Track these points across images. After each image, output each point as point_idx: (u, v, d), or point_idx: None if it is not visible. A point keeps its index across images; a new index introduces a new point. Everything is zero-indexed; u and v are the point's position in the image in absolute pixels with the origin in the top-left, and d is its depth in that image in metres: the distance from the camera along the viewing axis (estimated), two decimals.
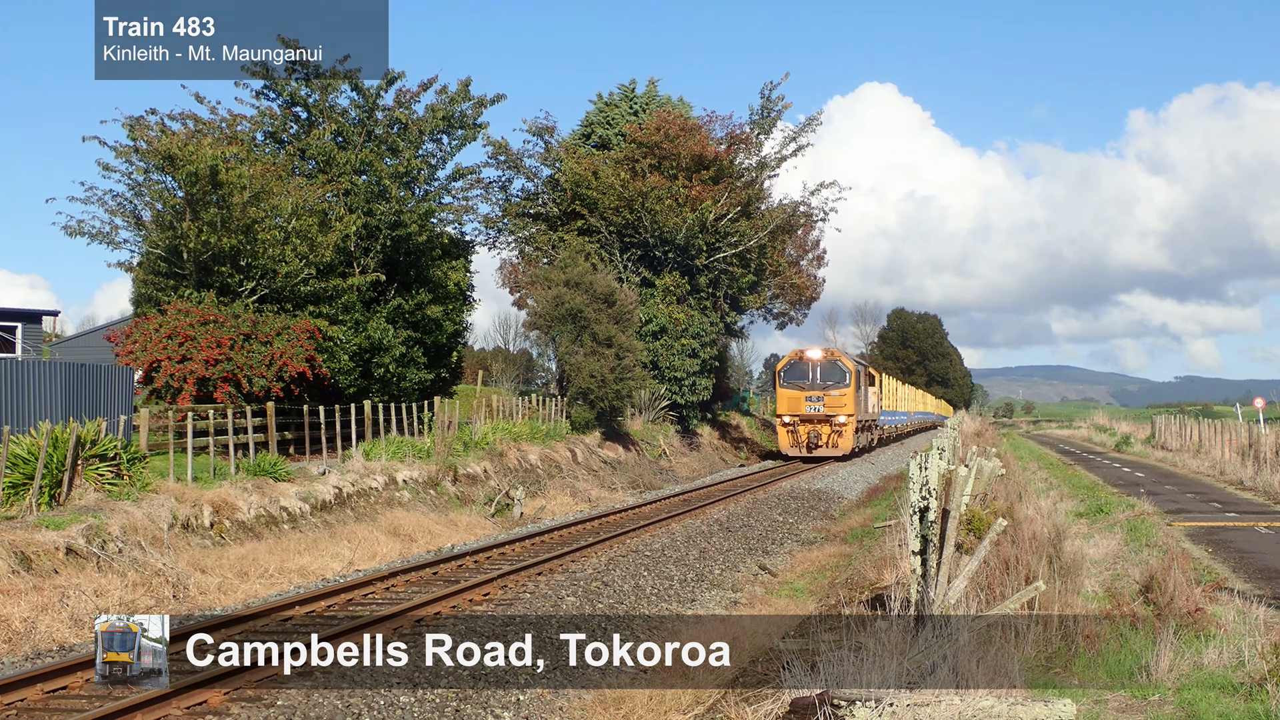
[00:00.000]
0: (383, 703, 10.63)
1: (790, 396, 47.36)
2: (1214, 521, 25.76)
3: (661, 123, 51.00)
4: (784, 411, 47.50)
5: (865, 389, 51.94)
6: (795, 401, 47.12)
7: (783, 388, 47.83)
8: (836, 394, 46.90)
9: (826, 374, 47.39)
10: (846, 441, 47.02)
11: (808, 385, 47.11)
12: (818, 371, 47.41)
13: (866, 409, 52.48)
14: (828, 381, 47.17)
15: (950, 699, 7.86)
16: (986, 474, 14.69)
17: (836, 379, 47.35)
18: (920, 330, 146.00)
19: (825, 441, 46.97)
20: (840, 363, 47.71)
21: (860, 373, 50.19)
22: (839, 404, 46.93)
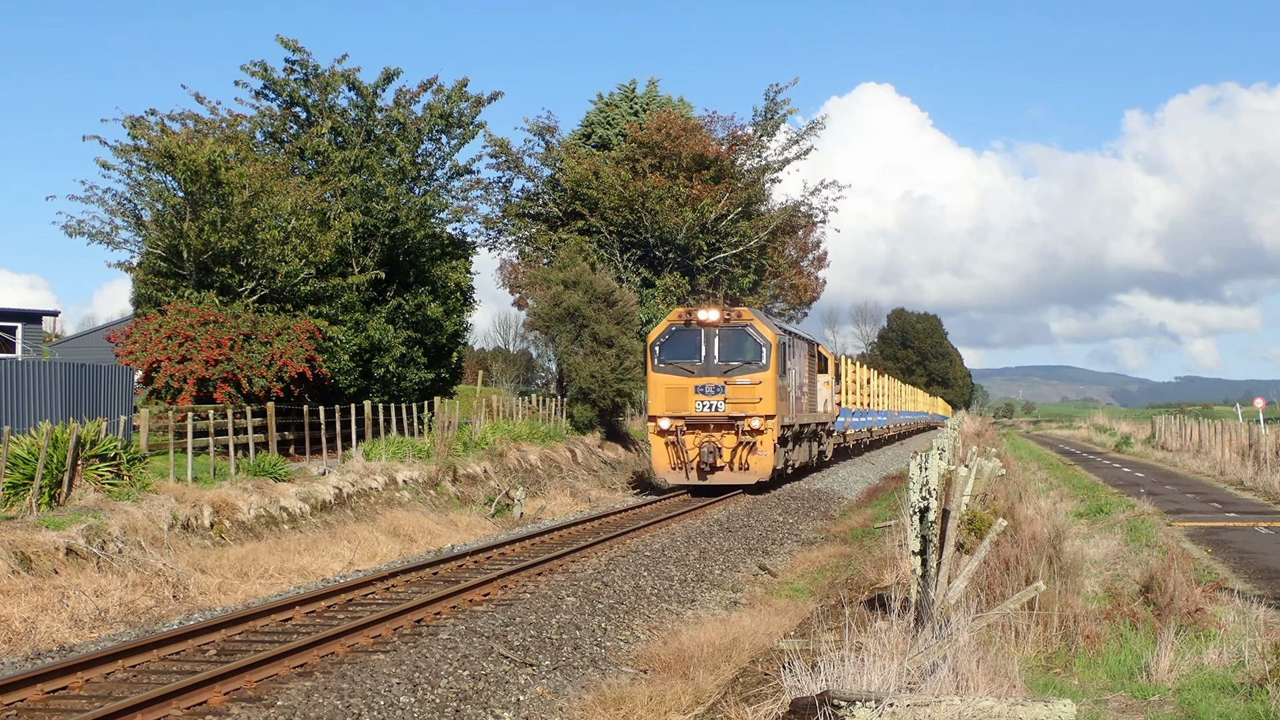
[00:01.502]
0: (383, 703, 10.63)
1: (669, 387, 30.37)
2: (1214, 522, 25.76)
3: (663, 123, 51.02)
4: (660, 411, 30.39)
5: (802, 375, 35.58)
6: (678, 395, 30.32)
7: (658, 372, 30.67)
8: (746, 381, 29.99)
9: (729, 347, 30.62)
10: (763, 461, 30.22)
11: (698, 368, 30.42)
12: (714, 344, 30.53)
13: (808, 406, 36.43)
14: (731, 360, 30.40)
15: (950, 699, 7.86)
16: (986, 474, 14.68)
17: (747, 356, 30.52)
18: (920, 330, 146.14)
19: (729, 461, 30.11)
20: (753, 330, 30.64)
21: (789, 348, 32.99)
22: (749, 398, 29.97)
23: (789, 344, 33.00)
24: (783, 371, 31.16)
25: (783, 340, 31.51)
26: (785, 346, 31.74)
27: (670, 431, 30.15)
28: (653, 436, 30.78)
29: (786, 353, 32.01)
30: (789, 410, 32.37)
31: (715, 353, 30.44)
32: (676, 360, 30.50)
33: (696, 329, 30.56)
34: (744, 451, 30.05)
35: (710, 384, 30.10)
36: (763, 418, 29.91)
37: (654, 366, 30.67)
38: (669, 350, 30.76)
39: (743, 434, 29.89)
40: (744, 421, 29.80)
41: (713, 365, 30.31)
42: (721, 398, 29.95)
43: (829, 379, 40.93)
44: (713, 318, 30.43)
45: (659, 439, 30.48)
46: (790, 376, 32.61)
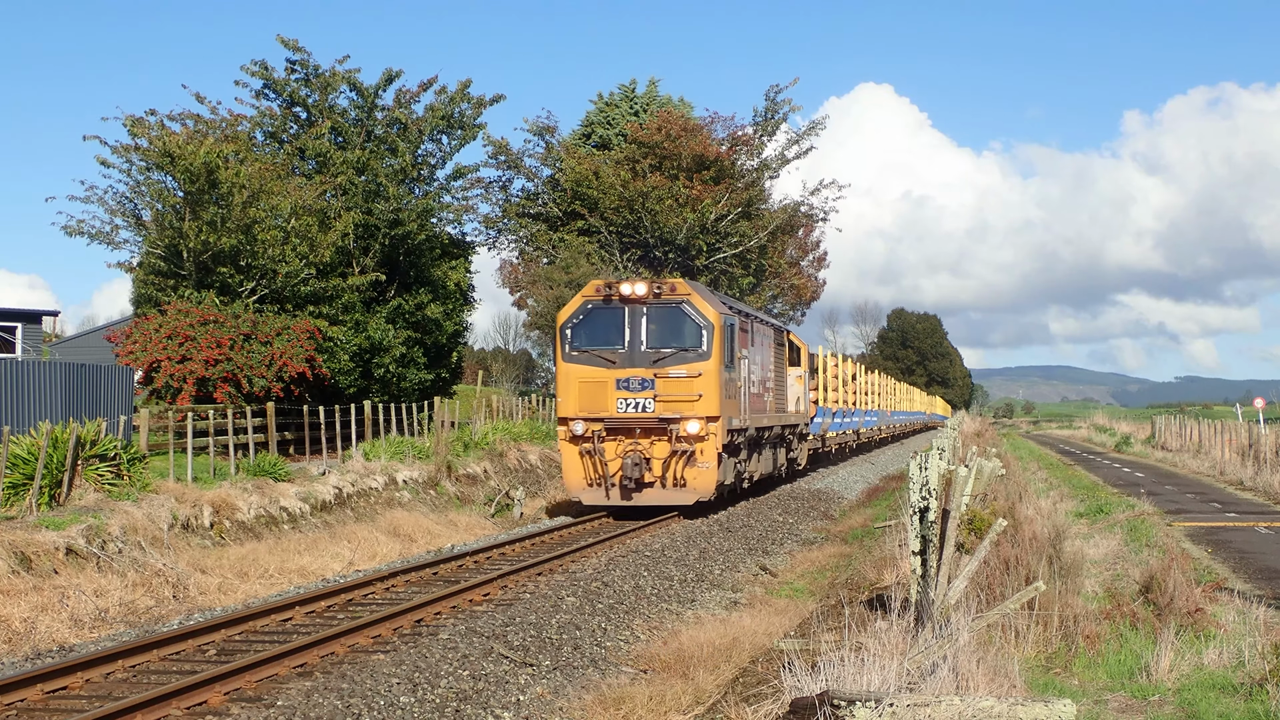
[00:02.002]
0: (383, 703, 10.63)
1: (583, 381, 24.30)
2: (1214, 522, 25.76)
3: (663, 123, 51.03)
4: (572, 412, 24.24)
5: (764, 368, 29.65)
6: (594, 392, 24.16)
7: (570, 362, 24.48)
8: (681, 373, 23.90)
9: (661, 330, 24.35)
10: (704, 475, 24.01)
11: (620, 357, 24.14)
12: (640, 326, 24.24)
13: (773, 405, 30.49)
14: (663, 347, 24.14)
15: (950, 699, 7.86)
16: (986, 474, 14.68)
17: (683, 340, 24.28)
18: (920, 330, 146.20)
19: (661, 475, 24.02)
20: (691, 308, 24.37)
21: (742, 333, 26.71)
22: (685, 395, 23.86)
23: (742, 328, 26.65)
24: (730, 361, 24.72)
25: (730, 322, 25.04)
26: (734, 330, 25.31)
27: (585, 438, 23.89)
28: (563, 444, 24.50)
29: (737, 338, 25.61)
30: (740, 410, 25.77)
31: (643, 337, 23.96)
32: (593, 347, 24.14)
33: (618, 307, 24.10)
34: (679, 463, 23.82)
35: (636, 377, 23.77)
36: (703, 420, 23.71)
37: (564, 355, 24.35)
38: (584, 334, 24.34)
39: (677, 441, 23.69)
40: (679, 425, 23.62)
41: (639, 353, 23.91)
42: (650, 395, 23.73)
43: (801, 373, 34.99)
44: (639, 292, 23.95)
45: (571, 447, 24.22)
46: (743, 368, 26.27)
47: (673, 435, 23.72)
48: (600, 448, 23.89)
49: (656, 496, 24.03)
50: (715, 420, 23.88)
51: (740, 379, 25.96)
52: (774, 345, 31.62)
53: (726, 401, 24.47)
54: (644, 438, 23.95)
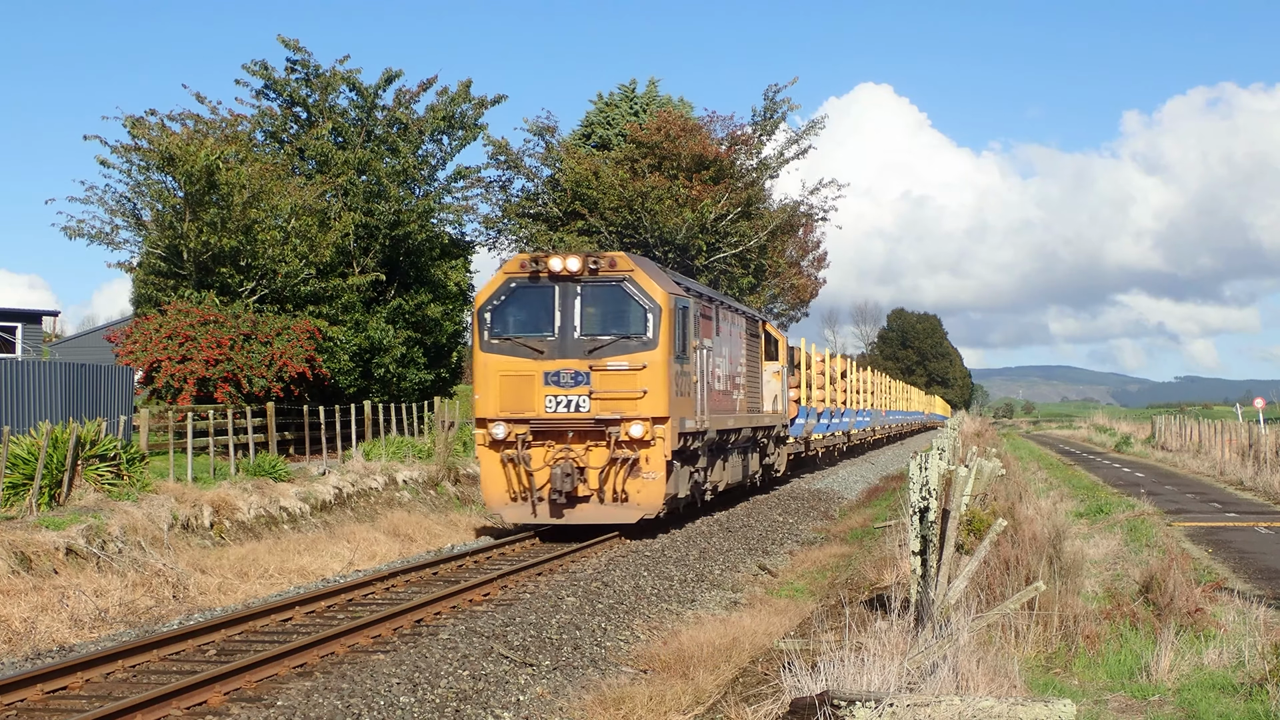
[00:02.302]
0: (383, 703, 10.63)
1: (506, 375, 20.82)
2: (1214, 522, 25.76)
3: (662, 123, 51.03)
4: (493, 411, 20.79)
5: (732, 361, 26.15)
6: (519, 388, 20.71)
7: (489, 352, 21.01)
8: (622, 365, 20.51)
9: (598, 313, 21.03)
10: (649, 488, 20.61)
11: (550, 345, 20.74)
12: (573, 308, 20.85)
13: (744, 403, 27.06)
14: (601, 333, 20.81)
15: (950, 699, 7.86)
16: (986, 474, 14.69)
17: (625, 326, 20.88)
18: (920, 330, 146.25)
19: (599, 488, 20.57)
20: (633, 287, 20.90)
21: (700, 319, 23.03)
22: (627, 391, 20.48)
23: (704, 314, 23.30)
24: (681, 350, 21.18)
25: (683, 305, 21.38)
26: (688, 314, 21.68)
27: (508, 443, 20.36)
28: (481, 451, 20.88)
29: (694, 324, 22.09)
30: (697, 409, 22.12)
31: (576, 322, 20.49)
32: (517, 334, 20.63)
33: (547, 286, 20.56)
34: (619, 473, 20.34)
35: (568, 370, 20.23)
36: (648, 421, 20.16)
37: (482, 343, 20.78)
38: (506, 318, 20.83)
39: (618, 446, 20.15)
40: (619, 427, 20.14)
41: (572, 341, 20.41)
42: (585, 391, 20.19)
43: (779, 369, 31.37)
44: (573, 267, 20.45)
45: (490, 455, 20.63)
46: (701, 360, 22.54)
47: (612, 440, 20.18)
48: (526, 455, 20.33)
49: (592, 513, 20.54)
50: (663, 421, 20.37)
51: (697, 372, 22.30)
52: (746, 336, 27.97)
53: (678, 399, 20.91)
54: (578, 443, 20.45)
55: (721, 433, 24.64)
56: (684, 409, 21.38)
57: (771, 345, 31.64)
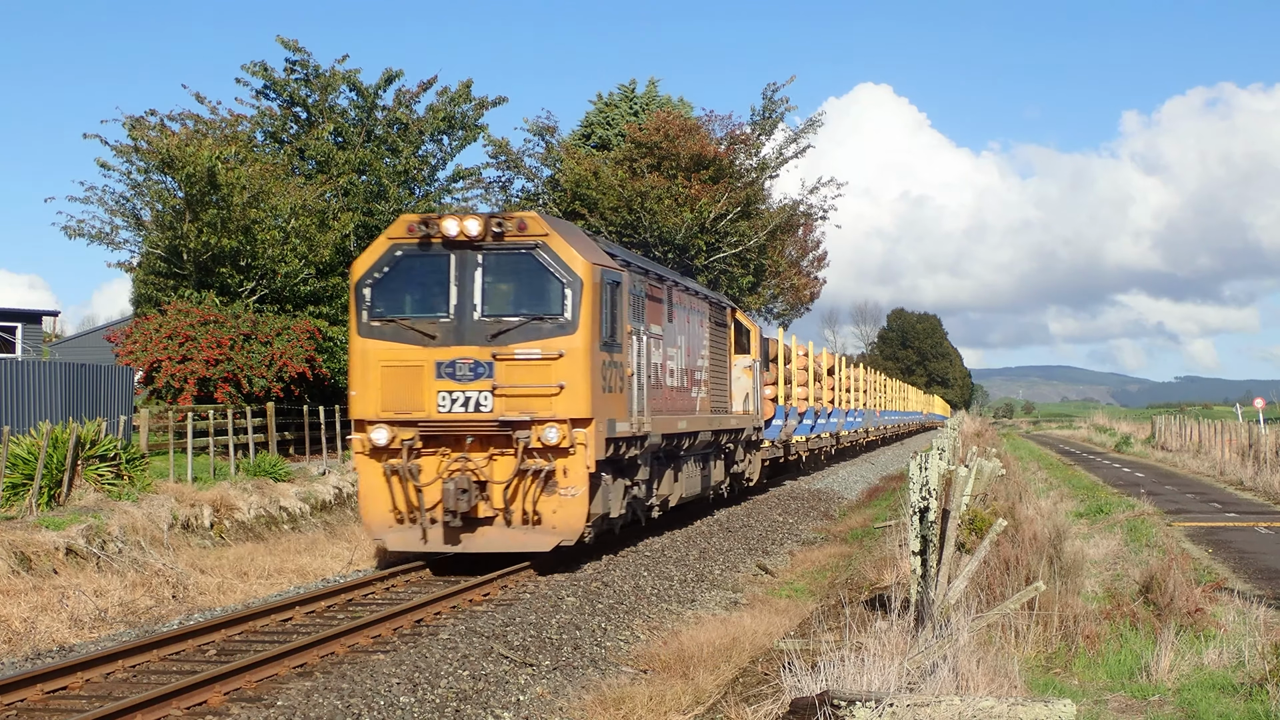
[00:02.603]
0: (383, 703, 10.63)
1: (388, 366, 17.07)
2: (1214, 522, 25.77)
3: (661, 123, 51.05)
4: (372, 411, 17.08)
5: (690, 352, 22.63)
6: (404, 381, 16.95)
7: (367, 337, 17.26)
8: (534, 353, 16.76)
9: (505, 288, 17.31)
10: (568, 507, 16.83)
11: (443, 329, 16.95)
12: (472, 282, 17.05)
13: (705, 402, 23.56)
14: (507, 313, 17.01)
15: (950, 699, 7.86)
16: (987, 474, 14.70)
17: (537, 304, 17.05)
18: (920, 330, 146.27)
19: (504, 507, 16.89)
20: (547, 255, 16.98)
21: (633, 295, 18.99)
22: (539, 386, 16.70)
23: (650, 295, 19.92)
24: (610, 336, 17.25)
25: (612, 279, 17.43)
26: (619, 291, 17.70)
27: (392, 451, 16.67)
28: (360, 461, 17.12)
29: (627, 303, 18.13)
30: (632, 408, 18.20)
31: (476, 299, 16.71)
32: (404, 315, 16.89)
33: (441, 254, 16.85)
34: (530, 489, 16.56)
35: (466, 360, 16.52)
36: (565, 423, 16.38)
37: (361, 326, 17.04)
38: (389, 295, 17.07)
39: (528, 455, 16.47)
40: (529, 431, 16.38)
41: (471, 324, 16.62)
42: (487, 386, 16.46)
43: (751, 363, 27.66)
44: (472, 231, 16.65)
45: (370, 465, 16.92)
46: (640, 349, 18.83)
47: (521, 447, 16.34)
48: (413, 466, 16.60)
49: (496, 539, 16.71)
50: (585, 424, 16.49)
51: (635, 363, 18.41)
52: (709, 325, 24.31)
53: (605, 397, 17.03)
54: (479, 450, 16.67)
55: (671, 437, 20.64)
56: (614, 408, 17.38)
57: (743, 336, 27.77)
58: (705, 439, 23.32)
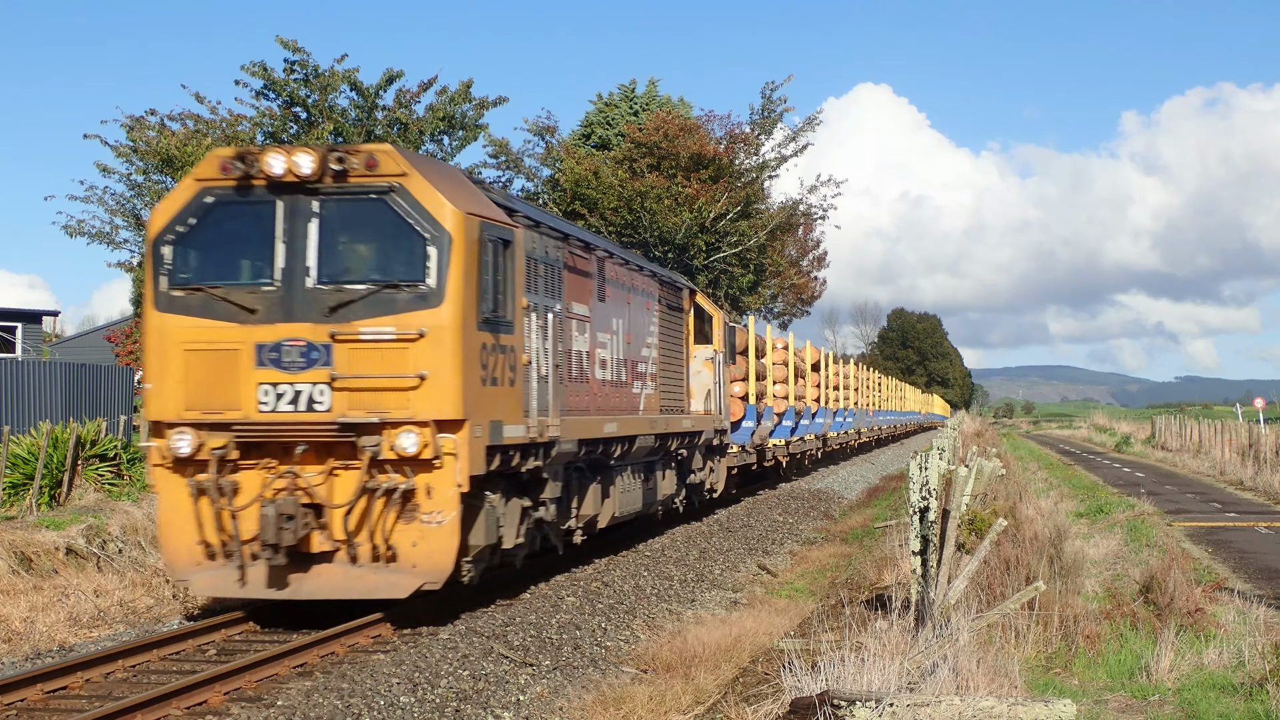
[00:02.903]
0: (383, 703, 10.64)
1: (191, 346, 12.78)
2: (1214, 521, 25.77)
3: (660, 123, 51.08)
4: (172, 411, 12.78)
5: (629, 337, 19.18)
6: (213, 369, 12.70)
7: (165, 312, 12.93)
8: (386, 333, 12.56)
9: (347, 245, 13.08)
10: (435, 540, 12.65)
11: (265, 300, 12.73)
12: (304, 236, 12.79)
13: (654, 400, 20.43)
14: (350, 279, 12.83)
15: (950, 699, 7.87)
16: (987, 474, 14.69)
17: (390, 266, 12.88)
18: (920, 330, 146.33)
19: (349, 538, 12.67)
20: (403, 201, 12.70)
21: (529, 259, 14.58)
22: (392, 376, 12.53)
23: (570, 266, 16.14)
24: (494, 310, 13.37)
25: (498, 235, 13.49)
26: (509, 253, 13.76)
27: (198, 462, 12.87)
28: (158, 474, 13.17)
29: (522, 267, 14.18)
30: (530, 405, 14.28)
31: (309, 261, 12.86)
32: (213, 281, 13.03)
33: (264, 201, 13.01)
34: (381, 514, 12.79)
35: (296, 342, 12.72)
36: (427, 427, 12.61)
37: (158, 296, 13.13)
38: (195, 255, 13.25)
39: (379, 469, 12.72)
40: (380, 437, 12.65)
41: (303, 293, 12.81)
42: (324, 376, 12.65)
43: (713, 355, 23.71)
44: (305, 168, 12.84)
45: (171, 480, 13.05)
46: (548, 330, 14.91)
47: (369, 458, 12.46)
48: (227, 483, 12.74)
49: (336, 582, 12.72)
50: (456, 427, 12.55)
51: (532, 349, 14.29)
52: (660, 308, 20.86)
53: (486, 392, 13.03)
54: (313, 462, 12.76)
55: (596, 444, 16.60)
56: (500, 406, 13.32)
57: (705, 323, 23.88)
58: (647, 445, 18.98)
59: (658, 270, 21.83)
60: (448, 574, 12.90)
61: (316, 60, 37.03)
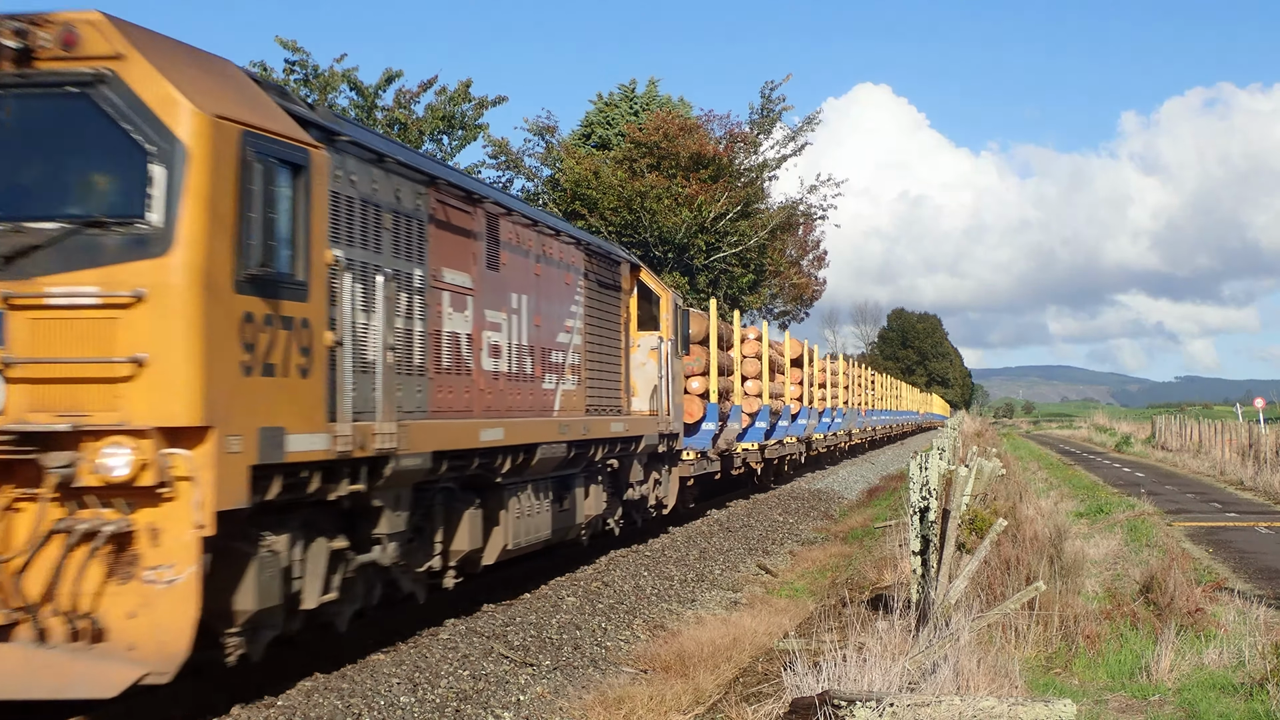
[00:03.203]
0: (383, 703, 10.64)
1: None
2: (1214, 521, 25.79)
3: (660, 122, 51.11)
4: None
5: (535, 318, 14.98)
6: None
7: None
8: (85, 293, 8.27)
9: (26, 163, 8.67)
10: (165, 606, 8.21)
11: None
12: None
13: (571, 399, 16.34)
14: (36, 215, 8.45)
15: (951, 699, 7.87)
16: (987, 474, 14.70)
17: (89, 193, 8.60)
18: (920, 330, 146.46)
19: (34, 604, 8.21)
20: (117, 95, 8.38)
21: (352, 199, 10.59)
22: (97, 354, 8.24)
23: (404, 204, 11.72)
24: (267, 259, 9.05)
25: (282, 155, 9.27)
26: (304, 180, 9.54)
27: None
28: None
29: (320, 202, 9.77)
30: (344, 406, 10.16)
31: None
32: None
33: None
34: (79, 570, 8.31)
35: None
36: (146, 437, 8.28)
37: None
38: None
39: (75, 501, 8.38)
40: (75, 455, 8.30)
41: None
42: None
43: (659, 343, 19.76)
44: None
45: None
46: (380, 300, 10.79)
47: (60, 484, 8.36)
48: None
49: (11, 672, 8.19)
50: (196, 438, 8.47)
51: (346, 323, 10.27)
52: (584, 284, 16.98)
53: (250, 385, 8.92)
54: None
55: (465, 456, 12.39)
56: (282, 406, 9.31)
57: (651, 306, 20.14)
58: (555, 455, 14.78)
59: (584, 236, 17.74)
60: (181, 658, 8.37)
61: (316, 60, 37.09)
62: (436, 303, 12.25)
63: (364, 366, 10.60)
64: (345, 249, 10.48)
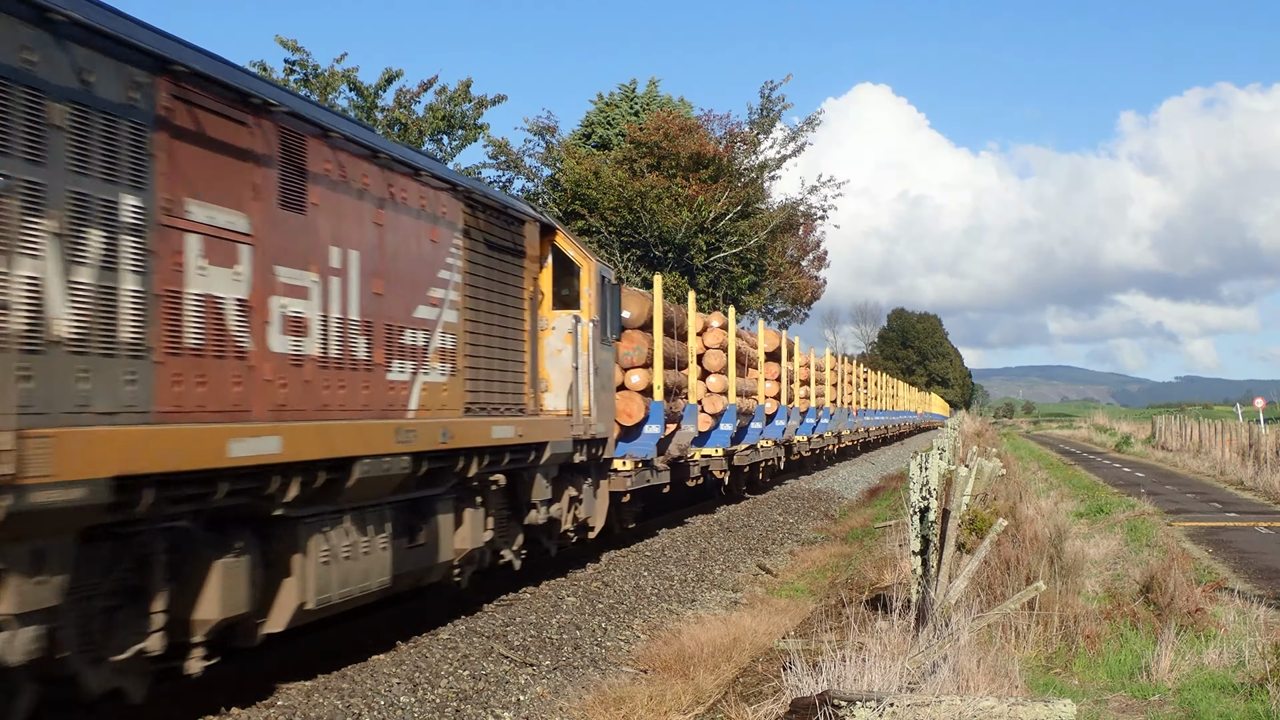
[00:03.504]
0: (383, 703, 10.63)
1: None
2: (1214, 521, 25.78)
3: (660, 122, 51.11)
4: None
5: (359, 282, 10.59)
6: None
7: None
8: None
9: None
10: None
11: None
12: None
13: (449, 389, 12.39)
14: None
15: (951, 699, 7.87)
16: (987, 474, 14.70)
17: None
18: (920, 330, 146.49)
19: None
20: None
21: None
22: None
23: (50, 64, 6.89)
24: None
25: None
26: None
27: None
28: None
29: None
30: None
31: None
32: None
33: None
34: None
35: None
36: None
37: None
38: None
39: None
40: None
41: None
42: None
43: (577, 323, 15.99)
44: None
45: None
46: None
47: None
48: None
49: None
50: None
51: None
52: (465, 243, 13.03)
53: None
54: None
55: (196, 484, 8.31)
56: None
57: (567, 276, 16.38)
58: (393, 471, 10.99)
59: (464, 181, 13.48)
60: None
61: (316, 60, 37.10)
62: (173, 250, 8.20)
63: None
64: None
